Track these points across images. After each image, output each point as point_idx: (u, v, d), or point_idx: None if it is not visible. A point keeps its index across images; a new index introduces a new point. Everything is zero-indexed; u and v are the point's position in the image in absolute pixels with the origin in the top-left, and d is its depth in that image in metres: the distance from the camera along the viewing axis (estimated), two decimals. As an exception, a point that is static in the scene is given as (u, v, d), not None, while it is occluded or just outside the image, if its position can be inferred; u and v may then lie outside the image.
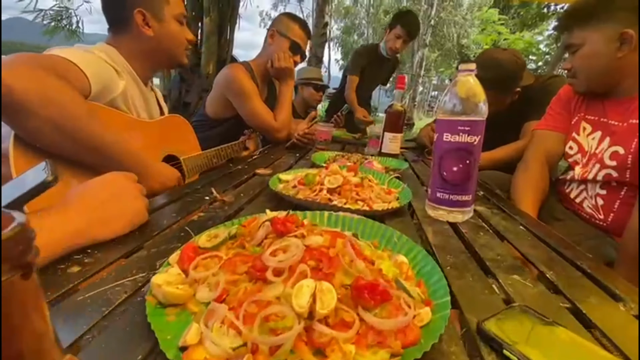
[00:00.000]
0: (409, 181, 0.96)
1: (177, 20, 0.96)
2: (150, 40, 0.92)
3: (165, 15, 0.93)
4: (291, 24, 1.46)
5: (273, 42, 1.46)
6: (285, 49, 1.43)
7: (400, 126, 1.30)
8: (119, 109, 0.85)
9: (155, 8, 0.91)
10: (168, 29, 0.94)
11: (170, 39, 0.95)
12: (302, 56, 1.51)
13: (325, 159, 1.10)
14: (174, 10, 0.95)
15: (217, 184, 0.81)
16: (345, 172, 0.76)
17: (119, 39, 0.91)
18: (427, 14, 12.27)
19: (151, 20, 0.91)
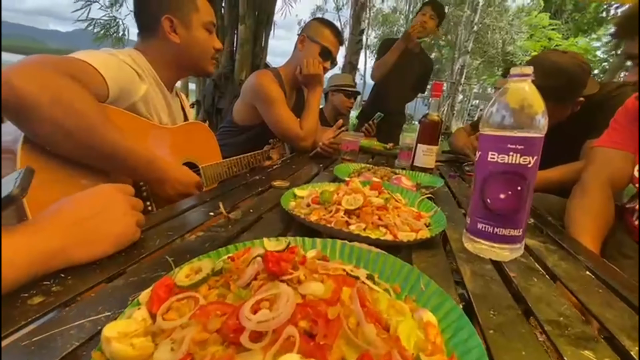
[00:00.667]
0: (444, 202, 0.84)
1: (206, 28, 0.94)
2: (176, 47, 0.90)
3: (193, 23, 0.91)
4: (322, 29, 1.40)
5: (303, 47, 1.40)
6: (315, 55, 1.37)
7: (435, 138, 1.17)
8: (140, 113, 0.83)
9: (184, 15, 0.89)
10: (195, 36, 0.92)
11: (197, 47, 0.93)
12: (332, 62, 1.44)
13: (349, 172, 1.01)
14: (202, 18, 0.92)
15: (229, 195, 0.75)
16: (367, 189, 0.67)
17: (147, 44, 0.90)
18: (469, 19, 11.78)
19: (179, 26, 0.89)
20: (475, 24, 11.49)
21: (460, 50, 12.42)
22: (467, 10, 12.67)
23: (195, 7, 0.92)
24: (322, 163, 1.23)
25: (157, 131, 0.85)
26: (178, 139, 0.92)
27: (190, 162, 0.96)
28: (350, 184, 0.68)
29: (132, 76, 0.80)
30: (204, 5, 0.94)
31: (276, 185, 0.84)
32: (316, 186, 0.77)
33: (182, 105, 1.08)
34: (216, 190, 0.78)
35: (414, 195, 0.75)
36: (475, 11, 11.39)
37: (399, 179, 0.82)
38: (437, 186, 0.89)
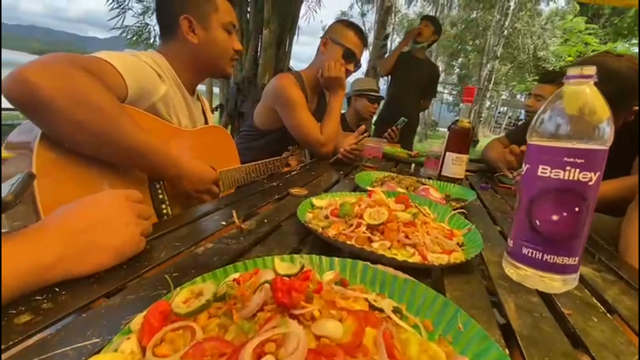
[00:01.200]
0: (477, 218, 0.77)
1: (225, 29, 0.92)
2: (194, 48, 0.88)
3: (212, 23, 0.89)
4: (345, 31, 1.35)
5: (326, 50, 1.36)
6: (338, 57, 1.33)
7: (466, 146, 1.09)
8: (160, 115, 0.81)
9: (203, 15, 0.88)
10: (214, 36, 0.90)
11: (215, 47, 0.91)
12: (356, 65, 1.39)
13: (371, 180, 0.95)
14: (222, 19, 0.90)
15: (244, 202, 0.71)
16: (392, 202, 0.61)
17: (167, 45, 0.89)
18: (499, 24, 11.38)
19: (197, 27, 0.87)
20: (505, 29, 11.09)
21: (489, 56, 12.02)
22: (496, 15, 12.27)
23: (215, 7, 0.90)
24: (343, 170, 1.18)
25: (175, 133, 0.84)
26: (196, 142, 0.90)
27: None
28: (373, 195, 0.62)
29: (153, 76, 0.79)
30: (223, 5, 0.91)
31: (294, 193, 0.80)
32: (336, 195, 0.72)
33: (203, 109, 1.06)
34: (231, 196, 0.74)
35: (444, 209, 0.68)
36: (505, 15, 11.00)
37: (427, 190, 0.75)
38: (468, 199, 0.82)
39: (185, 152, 0.86)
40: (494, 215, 0.81)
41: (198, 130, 0.92)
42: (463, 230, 0.59)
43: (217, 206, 0.66)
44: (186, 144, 0.87)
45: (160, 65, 0.84)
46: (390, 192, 0.74)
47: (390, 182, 0.89)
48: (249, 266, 0.39)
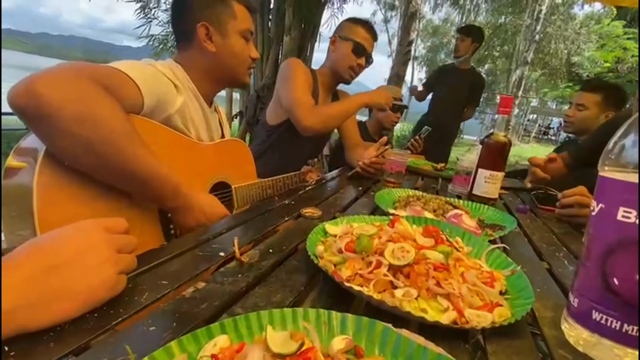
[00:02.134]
0: (516, 249, 0.66)
1: (243, 36, 0.88)
2: (212, 56, 0.85)
3: (229, 30, 0.85)
4: (353, 26, 1.31)
5: (335, 48, 1.33)
6: (348, 53, 1.28)
7: (501, 162, 0.98)
8: (176, 127, 0.77)
9: (220, 22, 0.84)
10: (231, 44, 0.86)
11: (233, 56, 0.87)
12: (367, 59, 1.34)
13: (393, 200, 0.86)
14: (239, 26, 0.86)
15: (249, 226, 0.64)
16: (419, 233, 0.52)
17: (184, 54, 0.86)
18: (530, 28, 10.92)
19: (214, 34, 0.83)
20: (536, 33, 10.64)
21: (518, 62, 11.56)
22: (527, 19, 11.81)
23: (232, 14, 0.85)
24: (362, 185, 1.09)
25: (191, 147, 0.79)
26: (212, 157, 0.85)
27: (223, 182, 0.88)
28: (397, 224, 0.53)
29: (169, 87, 0.75)
30: (241, 12, 0.87)
31: (306, 215, 0.72)
32: (353, 220, 0.63)
33: (220, 120, 1.01)
34: (236, 218, 0.67)
35: (480, 241, 0.58)
36: (537, 20, 10.56)
37: (459, 217, 0.65)
38: (507, 228, 0.71)
39: (201, 167, 0.81)
40: (538, 247, 0.70)
41: (216, 144, 0.87)
42: (506, 271, 0.49)
43: (219, 230, 0.60)
44: (202, 158, 0.82)
45: (177, 75, 0.80)
46: (416, 217, 0.65)
47: (415, 204, 0.79)
48: (239, 324, 0.31)
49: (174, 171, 0.72)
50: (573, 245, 0.74)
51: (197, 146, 0.80)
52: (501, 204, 1.07)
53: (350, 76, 1.35)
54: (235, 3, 0.87)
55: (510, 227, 0.71)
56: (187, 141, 0.77)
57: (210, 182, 0.83)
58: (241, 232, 0.61)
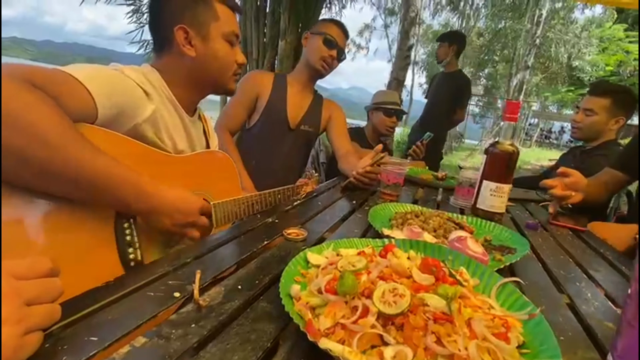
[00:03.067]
0: (529, 276, 0.57)
1: (227, 39, 0.80)
2: (192, 61, 0.77)
3: (211, 33, 0.78)
4: (325, 23, 1.37)
5: (307, 43, 1.36)
6: (319, 45, 1.30)
7: (508, 174, 0.89)
8: (146, 138, 0.69)
9: (200, 25, 0.76)
10: (214, 48, 0.78)
11: (216, 60, 0.80)
12: (339, 53, 1.35)
13: (388, 217, 0.77)
14: (222, 28, 0.79)
15: (218, 254, 0.56)
16: (415, 267, 0.43)
17: (161, 59, 0.79)
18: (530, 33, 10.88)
19: (194, 38, 0.76)
20: (537, 38, 10.60)
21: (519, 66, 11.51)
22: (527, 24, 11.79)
23: (214, 16, 0.78)
24: (356, 198, 1.00)
25: (161, 160, 0.70)
26: (188, 170, 0.77)
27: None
28: (390, 256, 0.44)
29: (136, 95, 0.67)
30: (224, 13, 0.80)
31: (289, 237, 0.63)
32: (340, 245, 0.55)
33: (206, 130, 0.93)
34: (204, 244, 0.59)
35: (489, 273, 0.49)
36: (537, 24, 10.52)
37: (463, 241, 0.56)
38: (519, 252, 0.62)
39: (174, 181, 0.73)
40: (555, 273, 0.60)
41: (193, 156, 0.79)
42: (522, 315, 0.40)
43: (182, 260, 0.51)
44: (176, 171, 0.74)
45: (152, 81, 0.73)
46: (413, 241, 0.56)
47: (414, 223, 0.70)
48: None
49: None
50: (592, 269, 0.65)
51: (169, 159, 0.72)
52: (508, 218, 0.98)
53: (323, 67, 1.34)
54: (218, 4, 0.79)
55: (521, 250, 0.62)
56: (155, 153, 0.69)
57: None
58: (208, 261, 0.52)
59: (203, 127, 0.93)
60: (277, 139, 1.38)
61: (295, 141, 1.42)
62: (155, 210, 0.60)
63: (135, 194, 0.57)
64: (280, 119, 1.36)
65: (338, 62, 1.38)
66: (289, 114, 1.37)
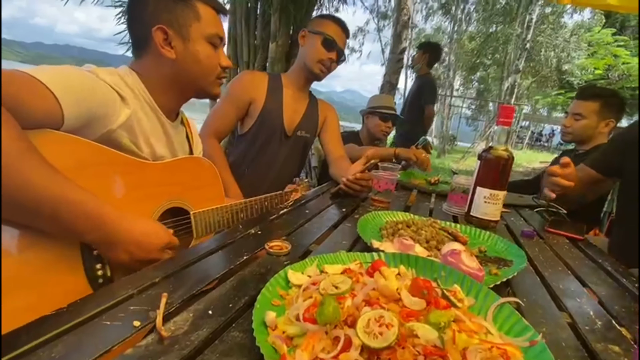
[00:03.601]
0: (529, 293, 0.53)
1: (210, 41, 0.76)
2: (172, 64, 0.73)
3: (192, 34, 0.73)
4: (324, 21, 1.24)
5: (304, 42, 1.25)
6: (318, 46, 1.21)
7: (503, 180, 0.86)
8: (121, 144, 0.65)
9: (181, 25, 0.72)
10: (195, 50, 0.74)
11: (197, 63, 0.75)
12: (338, 54, 1.25)
13: (379, 226, 0.73)
14: (205, 30, 0.74)
15: (193, 272, 0.51)
16: (405, 288, 0.39)
17: (140, 61, 0.74)
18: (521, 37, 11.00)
19: (174, 39, 0.72)
20: (527, 42, 10.73)
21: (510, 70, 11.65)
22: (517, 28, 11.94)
23: (196, 16, 0.73)
24: (346, 206, 0.96)
25: (134, 167, 0.65)
26: (167, 178, 0.72)
27: (180, 208, 0.75)
28: (377, 276, 0.40)
29: (110, 99, 0.63)
30: (207, 14, 0.75)
31: (271, 250, 0.59)
32: (325, 260, 0.51)
33: (189, 135, 0.89)
34: (176, 260, 0.54)
35: (485, 292, 0.45)
36: (527, 28, 10.66)
37: (457, 255, 0.52)
38: (515, 264, 0.58)
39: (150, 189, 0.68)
40: (553, 287, 0.57)
41: (171, 163, 0.74)
42: (522, 341, 0.36)
43: (149, 280, 0.46)
44: (152, 179, 0.69)
45: (130, 84, 0.68)
46: (404, 255, 0.52)
47: (405, 234, 0.66)
48: None
49: (108, 197, 0.59)
50: (591, 282, 0.62)
51: (145, 166, 0.67)
52: (502, 225, 0.95)
53: (321, 70, 1.25)
54: (200, 4, 0.74)
55: (518, 263, 0.59)
56: (130, 161, 0.64)
57: (159, 208, 0.69)
58: (179, 281, 0.47)
59: (186, 132, 0.89)
60: (273, 146, 1.28)
61: (292, 148, 1.34)
62: (112, 243, 0.54)
63: (90, 223, 0.51)
64: (276, 126, 1.27)
65: (337, 65, 1.29)
66: (285, 120, 1.27)
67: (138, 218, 0.58)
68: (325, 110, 1.42)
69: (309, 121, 1.35)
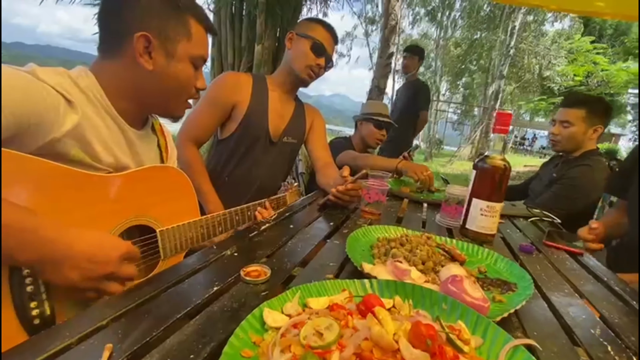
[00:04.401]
0: (538, 323, 0.47)
1: (193, 62, 0.69)
2: (145, 75, 0.64)
3: (178, 52, 0.66)
4: (313, 24, 1.17)
5: (292, 45, 1.18)
6: (306, 51, 1.14)
7: (500, 191, 0.81)
8: (67, 154, 0.56)
9: (168, 39, 0.64)
10: (176, 69, 0.66)
11: (175, 82, 0.68)
12: (327, 61, 1.19)
13: (369, 244, 0.67)
14: (193, 50, 0.68)
15: (149, 312, 0.43)
16: (404, 338, 0.32)
17: (105, 62, 0.65)
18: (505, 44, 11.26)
19: (156, 51, 0.64)
20: (510, 48, 10.98)
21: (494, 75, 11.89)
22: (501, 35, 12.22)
23: (187, 34, 0.66)
24: (334, 219, 0.89)
25: (84, 181, 0.56)
26: (127, 192, 0.63)
27: (145, 226, 0.66)
28: (371, 321, 0.34)
29: (50, 103, 0.53)
30: (198, 34, 0.68)
31: (248, 279, 0.51)
32: (309, 291, 0.44)
33: (161, 143, 0.80)
34: (132, 294, 0.46)
35: (493, 328, 0.39)
36: (511, 36, 10.92)
37: (459, 282, 0.46)
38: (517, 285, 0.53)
39: (106, 206, 0.59)
40: (562, 313, 0.51)
41: (133, 174, 0.65)
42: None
43: (95, 323, 0.38)
44: (109, 194, 0.60)
45: (83, 87, 0.60)
46: (399, 284, 0.45)
47: (399, 254, 0.60)
48: None
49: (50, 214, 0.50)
50: (604, 309, 0.56)
51: (97, 180, 0.58)
52: (498, 237, 0.90)
53: (309, 76, 1.18)
54: (193, 22, 0.67)
55: (524, 289, 0.53)
56: (75, 174, 0.55)
57: (116, 227, 0.61)
58: (132, 323, 0.39)
59: (158, 140, 0.80)
60: (257, 153, 1.20)
61: (277, 155, 1.25)
62: (55, 262, 0.45)
63: (20, 240, 0.43)
64: (260, 132, 1.19)
65: (325, 71, 1.23)
66: (270, 126, 1.19)
67: (85, 230, 0.49)
68: (312, 115, 1.35)
69: (295, 126, 1.27)
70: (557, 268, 0.72)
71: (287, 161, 1.32)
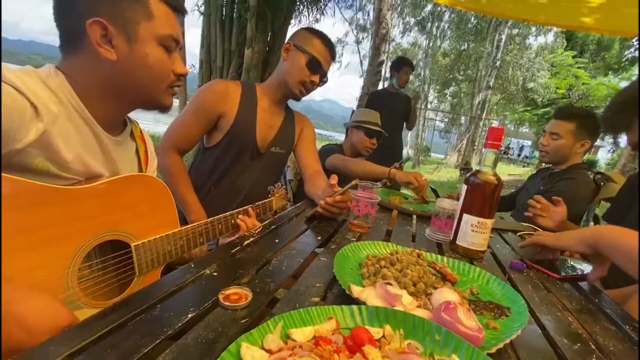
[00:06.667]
0: (532, 350, 0.45)
1: (162, 44, 0.63)
2: (111, 67, 0.59)
3: (140, 34, 0.60)
4: (311, 37, 1.13)
5: (288, 56, 1.13)
6: (302, 66, 1.11)
7: (491, 207, 0.79)
8: (32, 165, 0.52)
9: (126, 22, 0.58)
10: (142, 52, 0.61)
11: (145, 69, 0.62)
12: (322, 77, 1.16)
13: (358, 262, 0.64)
14: (157, 30, 0.62)
15: (116, 341, 0.38)
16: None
17: (69, 60, 0.60)
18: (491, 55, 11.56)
19: (116, 37, 0.58)
20: (496, 60, 11.28)
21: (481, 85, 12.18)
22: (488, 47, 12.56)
23: (147, 13, 0.61)
24: (322, 232, 0.86)
25: (49, 195, 0.51)
26: (99, 204, 0.58)
27: (119, 241, 0.62)
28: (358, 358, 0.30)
29: (17, 110, 0.48)
30: (161, 12, 0.62)
31: (226, 303, 0.47)
32: (292, 319, 0.40)
33: (140, 150, 0.75)
34: (87, 330, 0.41)
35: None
36: (497, 48, 11.22)
37: (453, 311, 0.43)
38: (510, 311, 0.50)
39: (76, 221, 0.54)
40: (559, 343, 0.49)
41: (106, 185, 0.60)
42: None
43: (59, 350, 0.33)
44: (81, 207, 0.55)
45: (54, 88, 0.55)
46: (389, 312, 0.42)
47: (389, 274, 0.57)
48: None
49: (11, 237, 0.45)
50: (595, 333, 0.55)
51: (64, 192, 0.53)
52: (488, 253, 0.89)
53: (300, 92, 1.15)
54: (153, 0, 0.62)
55: (518, 315, 0.50)
56: (38, 188, 0.50)
57: (85, 244, 0.56)
58: (96, 355, 0.35)
59: (136, 147, 0.75)
60: (244, 163, 1.16)
61: (265, 166, 1.21)
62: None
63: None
64: (248, 142, 1.14)
65: (319, 87, 1.19)
66: (258, 136, 1.15)
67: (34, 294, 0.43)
68: (301, 123, 1.31)
69: (284, 136, 1.24)
70: (547, 287, 0.70)
71: (274, 171, 1.28)
